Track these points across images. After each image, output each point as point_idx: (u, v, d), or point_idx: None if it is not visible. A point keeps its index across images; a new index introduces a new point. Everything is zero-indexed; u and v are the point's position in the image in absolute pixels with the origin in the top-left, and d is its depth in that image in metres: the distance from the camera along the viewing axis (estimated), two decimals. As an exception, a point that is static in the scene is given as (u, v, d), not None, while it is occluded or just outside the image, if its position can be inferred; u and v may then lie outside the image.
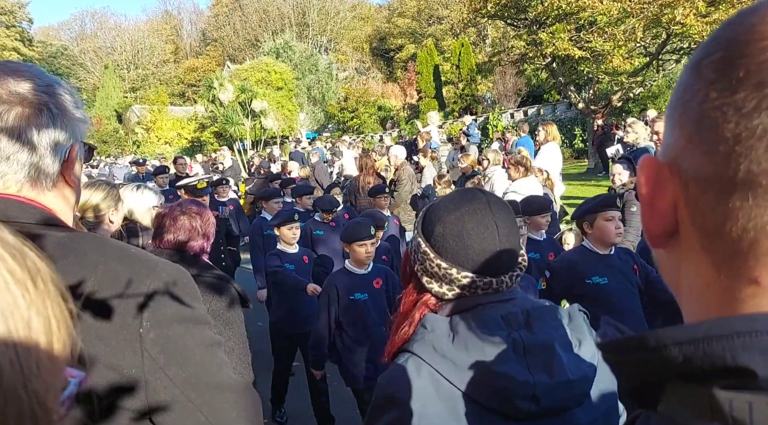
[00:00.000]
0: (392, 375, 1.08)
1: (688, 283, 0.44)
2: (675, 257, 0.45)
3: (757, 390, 0.34)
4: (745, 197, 0.37)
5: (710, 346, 0.35)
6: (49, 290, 0.44)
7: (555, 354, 1.05)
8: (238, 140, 24.81)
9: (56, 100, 0.95)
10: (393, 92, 33.85)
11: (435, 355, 1.04)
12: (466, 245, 1.11)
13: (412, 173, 7.69)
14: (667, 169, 0.44)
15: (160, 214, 2.50)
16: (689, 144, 0.42)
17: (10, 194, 0.92)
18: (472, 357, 1.03)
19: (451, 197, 1.19)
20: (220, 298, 2.38)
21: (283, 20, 48.51)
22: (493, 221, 1.12)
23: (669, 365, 0.38)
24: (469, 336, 1.05)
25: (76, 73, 53.36)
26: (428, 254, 1.14)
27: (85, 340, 0.87)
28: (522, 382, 1.01)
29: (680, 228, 0.43)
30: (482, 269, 1.11)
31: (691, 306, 0.45)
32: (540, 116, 20.86)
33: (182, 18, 64.23)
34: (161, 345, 0.93)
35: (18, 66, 0.96)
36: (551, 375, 1.03)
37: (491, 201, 1.15)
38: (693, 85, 0.42)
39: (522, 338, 1.05)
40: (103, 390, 0.88)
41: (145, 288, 0.93)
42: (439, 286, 1.14)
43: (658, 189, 0.44)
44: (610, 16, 13.69)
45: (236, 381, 1.04)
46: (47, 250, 0.89)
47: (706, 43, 0.43)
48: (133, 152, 32.54)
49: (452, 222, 1.12)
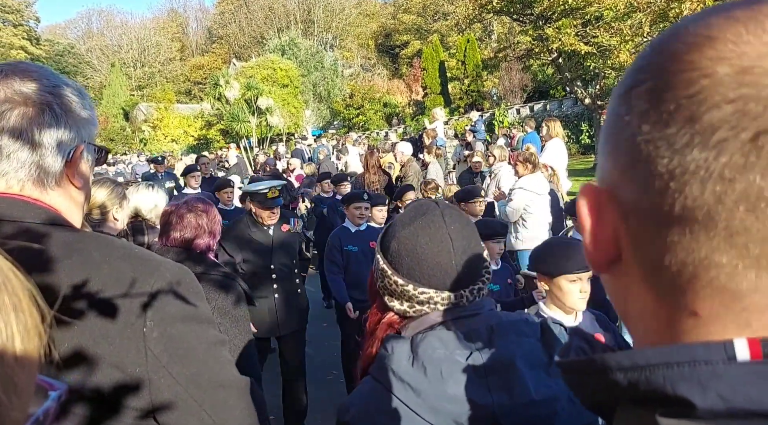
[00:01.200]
0: (352, 400, 1.06)
1: (635, 310, 0.44)
2: (621, 283, 0.45)
3: (697, 420, 0.34)
4: (682, 231, 0.37)
5: (652, 374, 0.36)
6: (16, 304, 0.41)
7: (517, 373, 1.00)
8: (245, 137, 24.85)
9: (61, 101, 0.95)
10: (398, 89, 33.80)
11: (394, 379, 1.01)
12: (420, 260, 1.08)
13: (418, 170, 7.68)
14: (606, 197, 0.43)
15: (167, 212, 2.51)
16: (624, 176, 0.41)
17: (14, 193, 0.93)
18: (429, 379, 0.98)
19: (407, 212, 1.16)
20: (227, 296, 2.39)
21: (288, 17, 48.52)
22: (447, 235, 1.08)
23: (616, 389, 0.38)
24: (428, 357, 1.00)
25: (83, 71, 53.59)
26: (386, 272, 1.12)
27: (90, 339, 0.87)
28: (480, 405, 0.96)
29: (623, 256, 0.43)
30: (439, 285, 1.08)
31: (637, 333, 0.45)
32: (546, 111, 20.78)
33: (188, 16, 64.49)
34: (164, 343, 0.93)
35: (27, 67, 0.97)
36: (512, 395, 0.98)
37: (446, 214, 1.11)
38: (623, 115, 0.41)
39: (482, 357, 1.00)
40: (108, 389, 0.88)
41: (148, 288, 0.93)
42: (399, 304, 1.11)
43: (599, 218, 0.44)
44: (616, 10, 13.60)
45: (239, 380, 1.05)
46: (52, 249, 0.90)
47: (634, 69, 0.42)
48: (140, 149, 32.64)
49: (406, 237, 1.10)
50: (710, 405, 0.34)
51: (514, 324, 1.08)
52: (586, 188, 0.45)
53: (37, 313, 0.42)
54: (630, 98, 0.41)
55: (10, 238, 0.88)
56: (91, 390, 0.87)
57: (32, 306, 0.42)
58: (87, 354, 0.87)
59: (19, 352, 0.40)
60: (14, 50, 45.82)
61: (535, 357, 1.04)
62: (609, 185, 0.43)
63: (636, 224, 0.41)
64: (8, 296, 0.40)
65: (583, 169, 15.09)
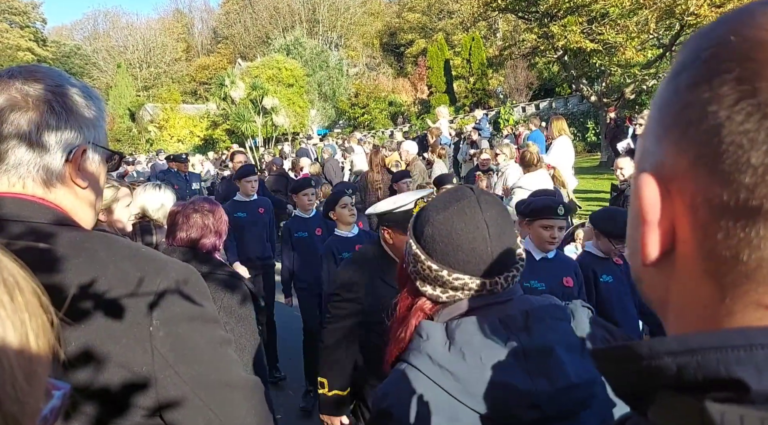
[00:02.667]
0: (388, 387, 1.05)
1: (680, 302, 0.44)
2: (665, 275, 0.44)
3: (749, 404, 0.34)
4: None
5: (704, 357, 0.35)
6: (28, 302, 0.42)
7: (556, 358, 1.01)
8: (250, 137, 24.91)
9: (63, 100, 0.96)
10: (404, 87, 33.80)
11: (431, 365, 1.01)
12: (455, 245, 1.07)
13: (423, 169, 7.68)
14: (668, 187, 0.42)
15: (173, 212, 2.53)
16: (696, 167, 0.40)
17: (21, 193, 0.93)
18: (469, 365, 0.99)
19: (441, 197, 1.16)
20: (233, 295, 2.40)
21: (293, 17, 48.56)
22: (483, 220, 1.08)
23: (660, 375, 0.37)
24: (466, 343, 1.01)
25: (89, 72, 53.84)
26: (419, 257, 1.11)
27: (97, 339, 0.88)
28: (522, 391, 0.97)
29: (678, 249, 0.43)
30: (474, 270, 1.07)
31: (682, 326, 0.44)
32: (552, 109, 20.73)
33: (193, 16, 64.63)
34: (171, 343, 0.93)
35: (34, 67, 0.97)
36: (552, 380, 0.99)
37: (481, 200, 1.11)
38: (703, 105, 0.39)
39: (521, 343, 1.01)
40: (116, 388, 0.89)
41: (155, 287, 0.94)
42: (432, 289, 1.11)
43: (657, 209, 0.43)
44: (622, 7, 13.55)
45: (245, 379, 1.05)
46: (59, 249, 0.91)
47: (711, 56, 0.40)
48: (146, 150, 32.78)
49: (441, 222, 1.09)
50: (765, 387, 0.34)
51: (547, 309, 1.08)
52: (644, 178, 0.43)
53: (44, 313, 0.44)
54: (712, 87, 0.39)
55: (17, 238, 0.89)
56: (99, 389, 0.88)
57: (40, 306, 0.43)
58: (94, 354, 0.87)
59: (35, 348, 0.42)
60: (21, 52, 46.09)
61: (570, 340, 1.05)
62: (671, 175, 0.42)
63: (707, 216, 0.40)
64: (21, 296, 0.42)
65: (589, 167, 15.04)
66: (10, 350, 0.39)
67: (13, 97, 0.91)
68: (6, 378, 0.38)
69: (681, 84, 0.42)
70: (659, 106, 0.44)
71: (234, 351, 1.07)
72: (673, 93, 0.42)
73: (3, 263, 0.42)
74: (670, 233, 0.43)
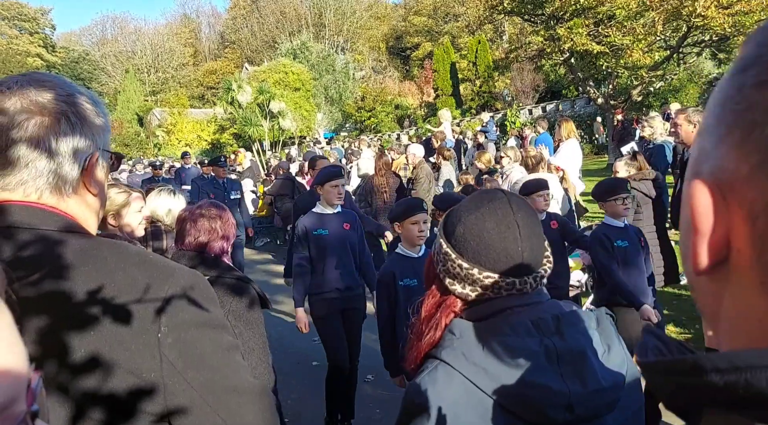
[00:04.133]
0: (423, 384, 1.06)
1: (733, 314, 0.42)
2: (718, 285, 0.42)
3: None
4: None
5: (753, 376, 0.34)
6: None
7: (588, 361, 1.04)
8: (257, 141, 25.00)
9: (76, 109, 0.97)
10: (410, 91, 33.84)
11: (466, 363, 1.03)
12: (486, 244, 1.09)
13: (429, 172, 7.68)
14: (721, 195, 0.39)
15: (182, 217, 2.54)
16: (759, 174, 0.37)
17: (31, 201, 0.94)
18: (505, 364, 1.01)
19: (472, 198, 1.18)
20: (241, 299, 2.41)
21: (299, 21, 48.75)
22: (514, 221, 1.10)
23: (708, 391, 0.36)
24: (501, 342, 1.03)
25: (97, 77, 54.27)
26: (449, 255, 1.13)
27: (106, 345, 0.89)
28: (557, 392, 0.99)
29: (732, 259, 0.40)
30: (504, 269, 1.09)
31: (734, 339, 0.42)
32: (559, 111, 20.69)
33: (201, 21, 64.97)
34: (179, 349, 0.94)
35: (42, 76, 0.98)
36: (585, 383, 1.02)
37: (512, 201, 1.13)
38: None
39: (555, 345, 1.03)
40: (124, 394, 0.89)
41: (163, 293, 0.94)
42: (461, 287, 1.12)
43: (710, 218, 0.40)
44: (629, 9, 13.53)
45: (253, 385, 1.05)
46: (68, 256, 0.91)
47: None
48: (154, 154, 32.97)
49: (473, 222, 1.11)
50: None
51: (576, 314, 1.11)
52: (696, 186, 0.41)
53: (13, 323, 0.45)
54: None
55: (27, 245, 0.90)
56: (107, 395, 0.88)
57: (11, 322, 0.45)
58: (103, 360, 0.88)
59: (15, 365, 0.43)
60: (31, 58, 46.56)
61: (596, 346, 1.08)
62: (729, 181, 0.39)
63: (767, 227, 0.37)
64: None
65: (596, 169, 14.99)
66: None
67: (28, 108, 0.92)
68: None
69: (747, 82, 0.39)
70: (721, 102, 0.41)
71: (241, 356, 1.07)
72: (737, 90, 0.39)
73: None
74: (724, 242, 0.40)
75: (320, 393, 4.04)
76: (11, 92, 0.93)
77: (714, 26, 12.19)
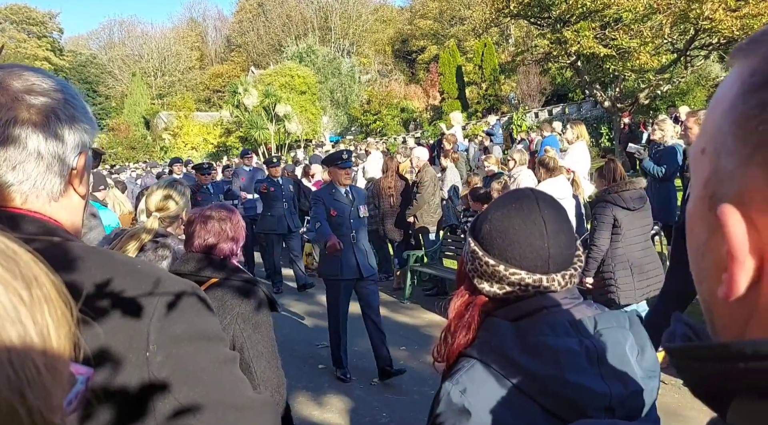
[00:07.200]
0: (461, 383, 1.05)
1: (760, 334, 0.40)
2: (745, 309, 0.41)
3: None
4: None
5: None
6: (47, 295, 0.42)
7: (627, 362, 1.04)
8: (263, 144, 25.06)
9: (65, 109, 0.92)
10: (416, 94, 33.82)
11: (504, 362, 1.02)
12: (512, 241, 1.09)
13: (434, 175, 7.66)
14: (749, 218, 0.38)
15: (191, 219, 2.53)
16: None
17: (13, 206, 0.89)
18: (544, 364, 1.00)
19: (500, 197, 1.19)
20: (249, 301, 2.39)
21: (306, 25, 48.91)
22: (541, 217, 1.09)
23: (737, 378, 0.36)
24: (540, 342, 1.02)
25: (105, 81, 54.59)
26: (477, 253, 1.13)
27: (94, 361, 0.83)
28: (599, 393, 0.99)
29: (764, 282, 0.39)
30: (530, 266, 1.08)
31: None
32: (565, 114, 20.63)
33: (207, 25, 65.26)
34: (170, 367, 0.88)
35: (24, 71, 0.91)
36: (626, 385, 1.01)
37: (540, 199, 1.13)
38: None
39: (595, 346, 1.03)
40: (113, 417, 0.84)
41: (152, 308, 0.89)
42: (489, 285, 1.12)
43: (746, 245, 0.39)
44: (636, 12, 13.49)
45: (252, 400, 1.00)
46: (50, 265, 0.86)
47: None
48: (160, 158, 33.08)
49: (498, 219, 1.12)
50: None
51: (614, 315, 1.11)
52: (728, 211, 0.39)
53: (63, 303, 0.44)
54: None
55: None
56: (99, 419, 0.84)
57: (59, 298, 0.44)
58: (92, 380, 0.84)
59: (56, 340, 0.42)
60: (38, 61, 46.87)
61: (632, 348, 1.08)
62: (759, 203, 0.38)
63: None
64: (39, 290, 0.42)
65: (603, 172, 14.92)
66: (33, 346, 0.40)
67: (14, 106, 0.86)
68: (30, 373, 0.39)
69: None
70: (737, 120, 0.39)
71: (239, 369, 1.02)
72: (760, 109, 0.37)
73: (20, 256, 0.42)
74: (758, 266, 0.39)
75: (325, 397, 4.03)
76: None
77: (722, 29, 12.12)
